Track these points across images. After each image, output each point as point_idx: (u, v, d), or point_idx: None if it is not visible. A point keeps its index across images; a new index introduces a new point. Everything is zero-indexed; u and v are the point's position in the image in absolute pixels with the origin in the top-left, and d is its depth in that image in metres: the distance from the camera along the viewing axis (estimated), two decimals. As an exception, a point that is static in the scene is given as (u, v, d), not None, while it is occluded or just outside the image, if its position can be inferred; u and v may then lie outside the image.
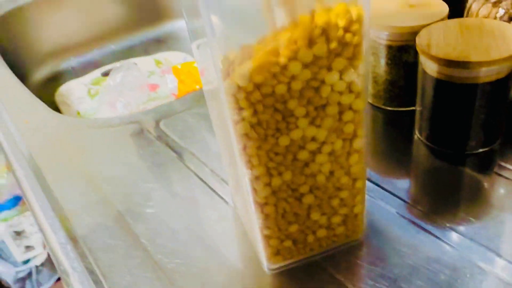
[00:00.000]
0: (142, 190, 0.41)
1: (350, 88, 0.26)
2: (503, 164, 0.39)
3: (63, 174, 0.45)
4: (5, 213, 1.10)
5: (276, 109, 0.25)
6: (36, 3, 0.99)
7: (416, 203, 0.36)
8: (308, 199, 0.29)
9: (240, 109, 0.24)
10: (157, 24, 1.14)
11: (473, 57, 0.34)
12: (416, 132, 0.43)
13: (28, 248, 1.13)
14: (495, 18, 0.40)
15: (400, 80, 0.44)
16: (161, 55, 0.99)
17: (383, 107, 0.47)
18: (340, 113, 0.27)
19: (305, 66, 0.24)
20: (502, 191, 0.37)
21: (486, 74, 0.35)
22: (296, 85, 0.24)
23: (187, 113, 0.52)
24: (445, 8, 0.42)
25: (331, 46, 0.24)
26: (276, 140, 0.26)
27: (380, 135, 0.45)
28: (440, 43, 0.37)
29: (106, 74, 0.97)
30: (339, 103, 0.26)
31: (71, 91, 0.94)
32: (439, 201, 0.37)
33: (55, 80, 1.00)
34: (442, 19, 0.41)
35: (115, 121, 0.52)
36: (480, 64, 0.34)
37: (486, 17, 0.41)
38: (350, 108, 0.27)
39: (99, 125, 0.52)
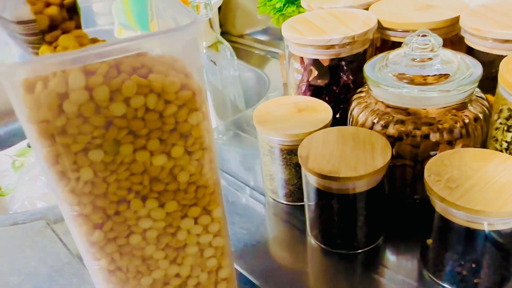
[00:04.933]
0: (35, 301, 0.41)
1: (207, 230, 0.28)
2: (387, 258, 0.42)
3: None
4: None
5: (134, 255, 0.26)
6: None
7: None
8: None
9: (97, 259, 0.26)
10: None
11: (342, 173, 0.38)
12: (308, 230, 0.45)
13: None
14: (372, 124, 0.44)
15: (293, 179, 0.47)
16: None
17: (280, 201, 0.49)
18: (201, 250, 0.28)
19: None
20: (387, 284, 0.40)
21: (357, 186, 0.39)
22: (152, 234, 0.26)
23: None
24: (328, 115, 0.46)
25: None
26: (138, 281, 0.27)
27: (275, 230, 0.48)
28: (318, 154, 0.40)
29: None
30: (198, 243, 0.28)
31: (-6, 163, 0.92)
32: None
33: (-21, 151, 0.97)
34: (325, 126, 0.45)
35: (19, 217, 0.52)
36: (349, 179, 0.37)
37: (363, 124, 0.45)
38: (211, 245, 0.28)
39: (2, 223, 0.51)
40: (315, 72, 0.55)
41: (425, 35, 0.42)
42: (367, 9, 0.56)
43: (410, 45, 0.43)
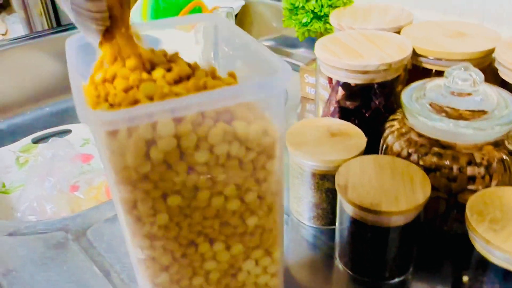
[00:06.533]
0: (61, 320, 0.40)
1: (266, 270, 0.27)
2: (413, 289, 0.43)
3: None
4: None
5: (193, 296, 0.26)
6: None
7: None
8: None
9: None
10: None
11: (384, 207, 0.38)
12: (336, 256, 0.45)
13: None
14: (407, 154, 0.44)
15: (323, 203, 0.47)
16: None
17: (306, 224, 0.49)
18: (257, 289, 0.28)
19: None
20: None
21: (395, 220, 0.39)
22: (214, 275, 0.26)
23: (117, 218, 0.52)
24: (362, 141, 0.46)
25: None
26: (193, 319, 0.27)
27: (301, 252, 0.47)
28: (356, 184, 0.40)
29: (37, 141, 0.94)
30: (255, 283, 0.28)
31: (-3, 159, 0.90)
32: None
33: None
34: (360, 153, 0.45)
35: (39, 226, 0.51)
36: (390, 213, 0.37)
37: (399, 153, 0.45)
38: (267, 285, 0.28)
39: (22, 231, 0.50)
40: (343, 92, 0.55)
41: (467, 69, 0.42)
42: (398, 32, 0.56)
43: (450, 78, 0.43)
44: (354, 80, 0.50)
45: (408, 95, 0.45)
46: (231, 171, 0.23)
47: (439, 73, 0.52)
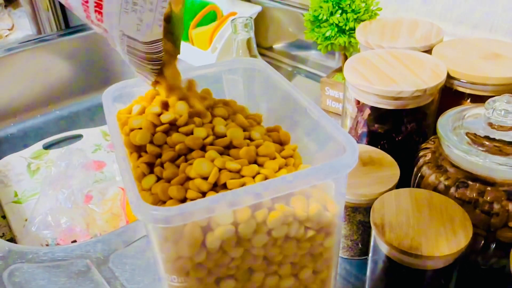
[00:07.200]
0: None
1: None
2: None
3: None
4: None
5: None
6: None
7: None
8: None
9: None
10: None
11: (424, 250, 0.36)
12: (367, 289, 0.44)
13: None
14: (445, 188, 0.42)
15: (353, 235, 0.45)
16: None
17: (335, 254, 0.48)
18: None
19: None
20: None
21: (434, 263, 0.37)
22: None
23: (141, 242, 0.50)
24: (396, 172, 0.44)
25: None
26: None
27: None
28: (393, 223, 0.38)
29: (48, 146, 0.92)
30: None
31: (9, 166, 0.89)
32: None
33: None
34: (394, 186, 0.43)
35: (58, 252, 0.50)
36: (430, 257, 0.36)
37: (435, 185, 0.43)
38: None
39: (41, 258, 0.49)
40: (369, 111, 0.53)
41: (509, 102, 0.40)
42: (428, 50, 0.54)
43: (490, 110, 0.41)
44: (385, 105, 0.48)
45: (445, 124, 0.43)
46: (288, 251, 0.21)
47: (473, 96, 0.50)
